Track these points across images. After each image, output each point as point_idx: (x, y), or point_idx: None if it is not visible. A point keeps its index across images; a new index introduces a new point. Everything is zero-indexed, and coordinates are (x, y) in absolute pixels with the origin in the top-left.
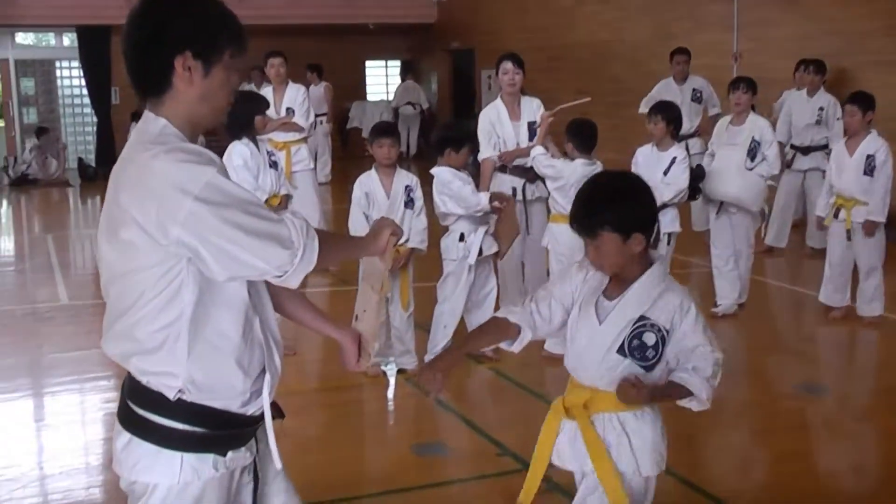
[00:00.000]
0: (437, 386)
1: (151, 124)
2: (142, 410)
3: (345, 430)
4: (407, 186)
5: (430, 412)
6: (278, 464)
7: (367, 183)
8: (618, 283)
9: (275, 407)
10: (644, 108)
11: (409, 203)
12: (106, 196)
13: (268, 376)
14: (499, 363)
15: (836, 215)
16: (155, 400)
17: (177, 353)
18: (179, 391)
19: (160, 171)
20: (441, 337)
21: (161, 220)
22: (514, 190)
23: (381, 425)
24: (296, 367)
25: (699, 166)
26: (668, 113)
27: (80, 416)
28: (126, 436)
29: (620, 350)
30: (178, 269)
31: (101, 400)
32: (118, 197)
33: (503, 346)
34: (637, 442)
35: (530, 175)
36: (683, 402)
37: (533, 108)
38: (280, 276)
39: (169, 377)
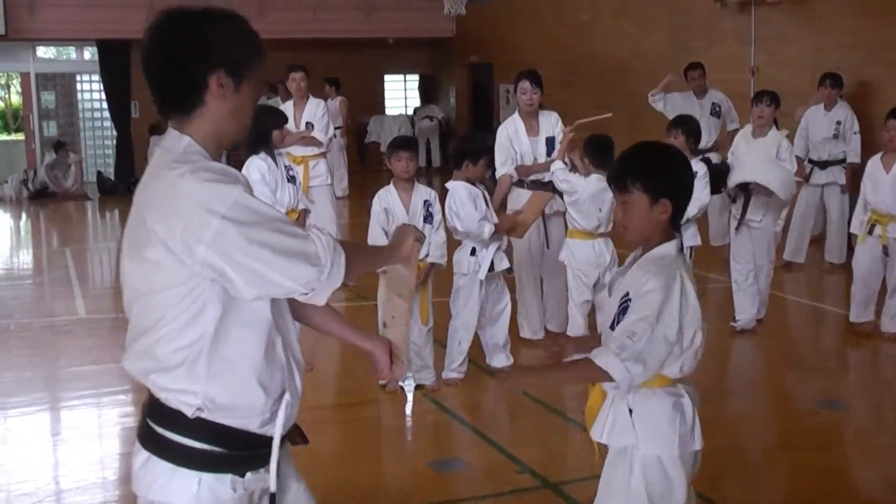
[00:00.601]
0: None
1: (175, 142)
2: (160, 428)
3: (362, 445)
4: (426, 201)
5: (448, 428)
6: (273, 486)
7: (386, 198)
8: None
9: (298, 431)
10: (652, 101)
11: (429, 218)
12: (129, 214)
13: (287, 396)
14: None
15: (870, 231)
16: (173, 418)
17: (196, 372)
18: (198, 409)
19: (187, 191)
20: (456, 353)
21: (187, 240)
22: None
23: (399, 441)
24: (313, 382)
25: (724, 161)
26: (687, 126)
27: (96, 430)
28: (144, 454)
29: (612, 325)
30: (202, 288)
31: (118, 414)
32: (144, 216)
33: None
34: (640, 417)
35: (548, 189)
36: (606, 386)
37: (551, 123)
38: (307, 294)
39: (188, 395)
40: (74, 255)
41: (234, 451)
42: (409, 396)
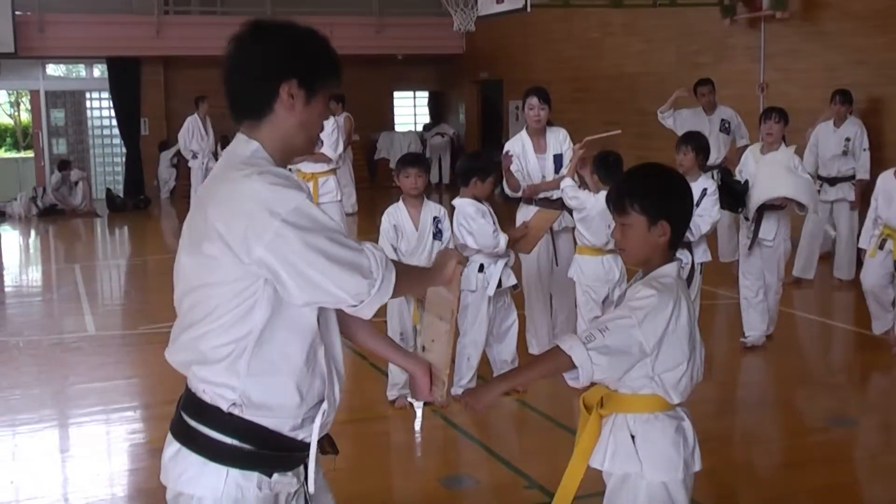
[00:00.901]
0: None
1: (243, 146)
2: (193, 421)
3: (373, 461)
4: (435, 218)
5: (458, 444)
6: (311, 488)
7: (396, 215)
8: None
9: (329, 441)
10: (661, 117)
11: (438, 234)
12: (190, 211)
13: (325, 405)
14: (525, 395)
15: (881, 246)
16: (208, 411)
17: (238, 368)
18: (233, 404)
19: (252, 191)
20: (466, 369)
21: (247, 238)
22: None
23: (409, 457)
24: None
25: (746, 182)
26: (696, 143)
27: (105, 447)
28: (175, 446)
29: None
30: (255, 288)
31: (126, 431)
32: (206, 211)
33: None
34: (642, 444)
35: (557, 206)
36: (566, 376)
37: (559, 140)
38: (355, 306)
39: (226, 389)
40: (83, 273)
41: (264, 450)
42: (419, 413)
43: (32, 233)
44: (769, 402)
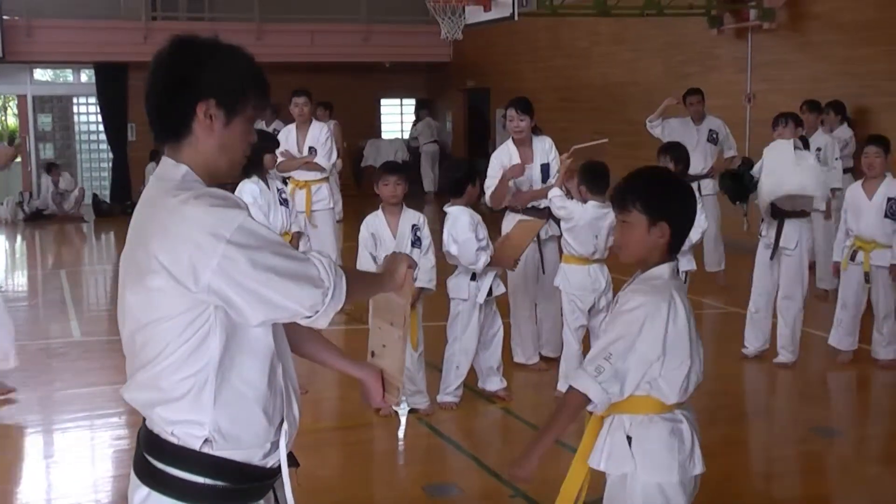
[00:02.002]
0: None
1: (172, 170)
2: (161, 464)
3: (357, 469)
4: (414, 226)
5: (442, 453)
6: None
7: (374, 223)
8: None
9: (290, 456)
10: (650, 126)
11: (416, 242)
12: (127, 243)
13: (285, 426)
14: (510, 403)
15: (852, 258)
16: (175, 453)
17: (202, 401)
18: (206, 441)
19: (191, 217)
20: (454, 377)
21: (193, 266)
22: None
23: (393, 465)
24: (307, 405)
25: (748, 163)
26: (675, 153)
27: (90, 452)
28: (144, 490)
29: None
30: (206, 316)
31: (111, 437)
32: (146, 243)
33: None
34: (638, 445)
35: (543, 214)
36: (589, 407)
37: (545, 149)
38: (310, 317)
39: (195, 426)
40: (69, 278)
41: (237, 484)
42: (403, 420)
43: (18, 238)
44: (752, 413)
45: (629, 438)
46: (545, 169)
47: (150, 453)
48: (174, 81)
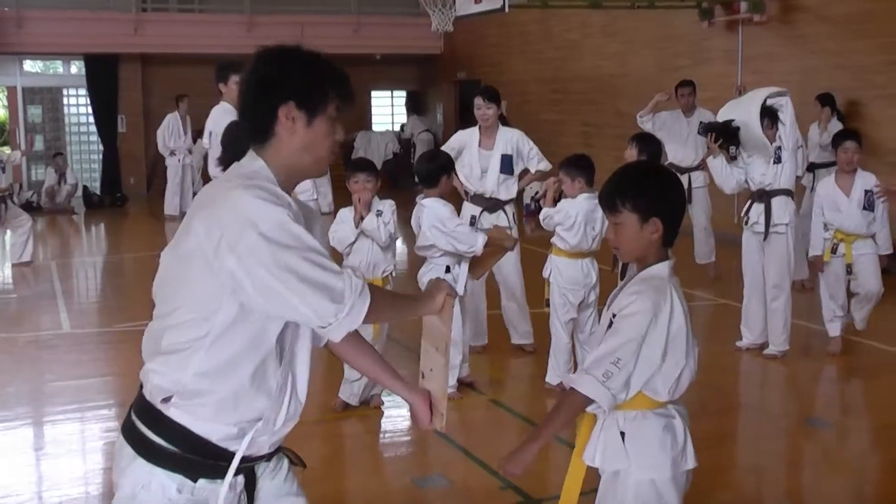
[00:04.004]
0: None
1: (250, 163)
2: (134, 416)
3: (346, 461)
4: (378, 211)
5: (432, 445)
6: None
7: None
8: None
9: (294, 455)
10: (641, 122)
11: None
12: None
13: (260, 423)
14: (501, 395)
15: (833, 251)
16: (145, 409)
17: (187, 364)
18: (166, 399)
19: (237, 202)
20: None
21: (220, 246)
22: (473, 218)
23: (382, 457)
24: None
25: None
26: (643, 143)
27: (80, 445)
28: (120, 439)
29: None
30: (221, 293)
31: (101, 429)
32: (194, 215)
33: None
34: (631, 441)
35: (489, 205)
36: (590, 408)
37: (511, 141)
38: (324, 328)
39: (169, 380)
40: (59, 270)
41: (190, 454)
42: (390, 413)
43: (8, 230)
44: (740, 405)
45: (623, 434)
46: (507, 160)
47: (133, 405)
48: (256, 88)
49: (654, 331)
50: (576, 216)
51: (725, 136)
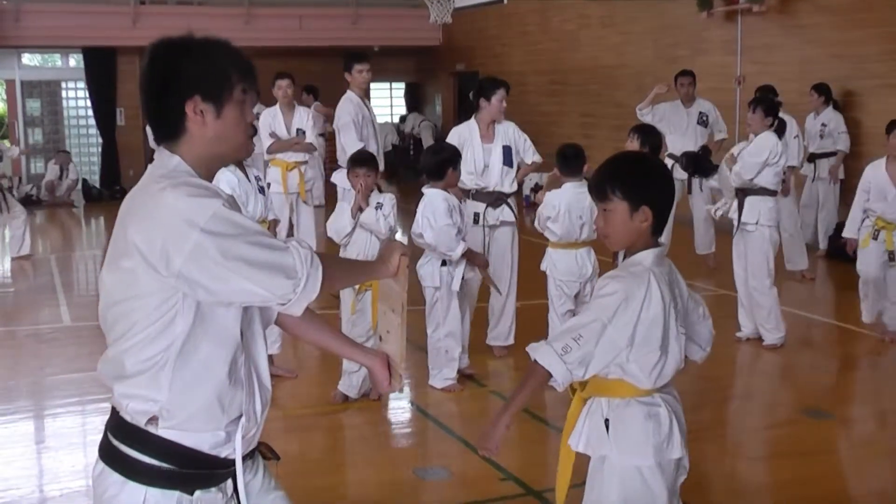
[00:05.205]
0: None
1: (166, 160)
2: (115, 441)
3: (346, 452)
4: (378, 203)
5: (432, 435)
6: (244, 502)
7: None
8: None
9: (268, 448)
10: (640, 114)
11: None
12: (114, 227)
13: (243, 420)
14: (501, 386)
15: (875, 237)
16: (127, 431)
17: (159, 381)
18: (152, 418)
19: (169, 204)
20: (446, 360)
21: (167, 252)
22: (477, 215)
23: (383, 448)
24: (296, 389)
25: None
26: (644, 135)
27: (80, 438)
28: (100, 465)
29: None
30: (174, 300)
31: (102, 422)
32: (126, 227)
33: None
34: (614, 428)
35: (492, 199)
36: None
37: (507, 132)
38: (283, 305)
39: (147, 402)
40: (59, 263)
41: (184, 469)
42: (391, 403)
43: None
44: (743, 395)
45: (607, 421)
46: (508, 151)
47: (110, 429)
48: (159, 87)
49: (624, 315)
50: (559, 205)
51: (695, 167)
